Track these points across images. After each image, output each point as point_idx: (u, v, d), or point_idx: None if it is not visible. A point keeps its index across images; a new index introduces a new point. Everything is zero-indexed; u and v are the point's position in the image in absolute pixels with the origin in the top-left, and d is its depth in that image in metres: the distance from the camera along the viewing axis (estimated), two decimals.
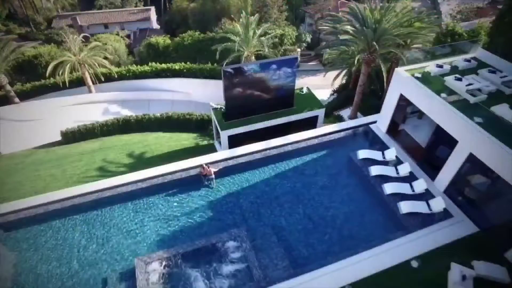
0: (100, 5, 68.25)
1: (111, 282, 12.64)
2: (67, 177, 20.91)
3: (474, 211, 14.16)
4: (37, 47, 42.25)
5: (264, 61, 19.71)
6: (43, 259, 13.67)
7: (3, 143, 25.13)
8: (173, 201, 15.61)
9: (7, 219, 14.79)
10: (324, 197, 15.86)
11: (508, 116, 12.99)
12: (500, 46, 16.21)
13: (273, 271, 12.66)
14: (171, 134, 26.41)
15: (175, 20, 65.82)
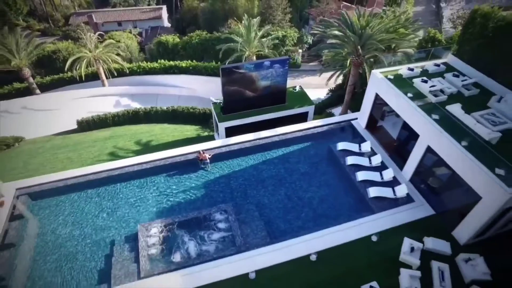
0: (114, 3, 71.62)
1: (118, 243, 15.25)
2: (82, 160, 23.70)
3: (432, 197, 16.32)
4: (56, 43, 45.46)
5: (258, 61, 22.11)
6: (62, 223, 16.39)
7: (27, 130, 28.09)
8: (172, 180, 18.20)
9: (34, 190, 17.58)
10: (304, 182, 18.21)
11: (458, 114, 15.10)
12: (466, 53, 18.22)
13: (252, 240, 15.08)
14: (176, 126, 29.04)
15: (186, 19, 68.69)
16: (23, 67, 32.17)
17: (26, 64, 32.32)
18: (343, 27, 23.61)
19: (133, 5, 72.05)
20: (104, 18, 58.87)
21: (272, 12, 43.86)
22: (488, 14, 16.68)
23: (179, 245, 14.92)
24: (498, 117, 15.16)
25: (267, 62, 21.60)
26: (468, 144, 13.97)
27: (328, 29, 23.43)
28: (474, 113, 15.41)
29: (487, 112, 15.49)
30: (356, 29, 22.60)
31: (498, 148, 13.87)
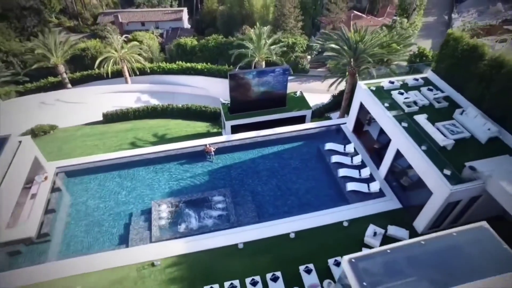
0: (139, 3, 76.47)
1: (135, 215, 18.96)
2: (106, 147, 27.68)
3: (401, 193, 19.28)
4: (85, 41, 50.19)
5: (261, 69, 25.54)
6: (91, 196, 20.28)
7: (60, 119, 32.41)
8: (181, 167, 21.85)
9: (69, 169, 21.58)
10: (293, 175, 21.47)
11: (422, 123, 18.01)
12: (441, 70, 21.01)
13: (244, 218, 18.49)
14: (189, 122, 32.76)
15: (205, 20, 72.78)
16: (59, 64, 36.75)
17: (61, 61, 36.90)
18: (343, 38, 26.66)
19: (156, 5, 76.81)
20: (128, 18, 63.55)
21: (285, 19, 47.07)
22: (458, 38, 19.51)
23: (184, 219, 18.51)
24: (457, 127, 18.00)
25: (270, 70, 24.96)
26: (426, 149, 16.91)
27: (327, 42, 26.52)
28: (438, 123, 18.30)
29: (449, 122, 18.33)
30: (351, 43, 25.62)
31: (451, 153, 16.77)
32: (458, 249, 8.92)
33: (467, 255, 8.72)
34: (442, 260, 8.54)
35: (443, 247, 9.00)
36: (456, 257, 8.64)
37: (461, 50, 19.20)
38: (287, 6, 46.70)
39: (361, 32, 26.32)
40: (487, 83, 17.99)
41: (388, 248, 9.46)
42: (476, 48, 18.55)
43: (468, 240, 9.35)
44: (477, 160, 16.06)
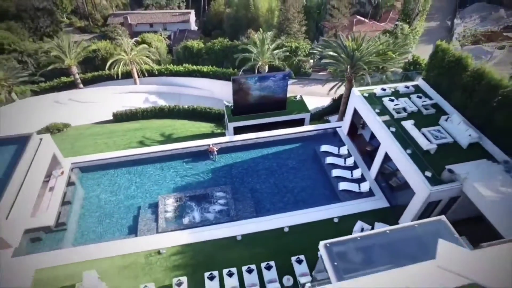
0: (148, 4, 78.66)
1: (143, 208, 20.81)
2: (116, 145, 29.62)
3: (389, 193, 20.88)
4: (96, 43, 52.36)
5: (263, 74, 27.22)
6: (103, 190, 22.19)
7: (72, 118, 34.46)
8: (186, 165, 23.68)
9: (83, 165, 23.51)
10: (290, 174, 23.16)
11: (409, 129, 19.58)
12: (431, 78, 22.55)
13: (243, 213, 20.23)
14: (194, 122, 34.60)
15: (212, 22, 74.64)
16: (72, 65, 38.85)
17: (74, 63, 39.01)
18: (341, 46, 28.27)
19: (164, 6, 78.90)
20: (137, 20, 65.71)
21: (289, 23, 48.73)
22: (446, 50, 21.06)
23: (188, 212, 20.32)
24: (441, 133, 19.55)
25: (271, 76, 26.67)
26: (411, 152, 18.50)
27: (326, 49, 28.15)
28: (424, 128, 19.84)
29: (434, 128, 19.87)
30: (348, 51, 27.22)
31: (434, 156, 18.33)
32: (416, 238, 10.50)
33: (423, 243, 10.29)
34: (401, 246, 10.13)
35: (404, 236, 10.59)
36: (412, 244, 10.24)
37: (448, 61, 20.75)
38: (291, 11, 48.36)
39: (359, 40, 27.88)
40: (470, 93, 19.54)
41: (358, 236, 11.10)
42: (460, 60, 20.08)
43: (427, 231, 10.95)
44: (456, 164, 17.61)
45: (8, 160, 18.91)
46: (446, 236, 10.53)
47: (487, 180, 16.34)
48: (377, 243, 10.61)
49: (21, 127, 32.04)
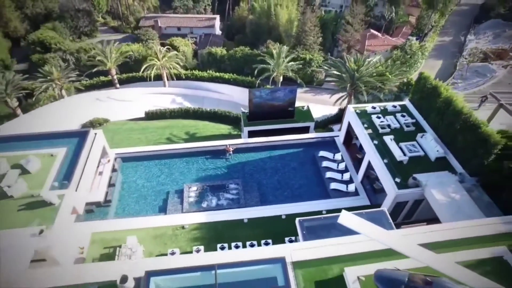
0: (176, 6, 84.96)
1: (171, 193, 26.48)
2: (148, 140, 35.58)
3: (371, 194, 25.73)
4: (130, 45, 58.77)
5: (275, 88, 32.43)
6: (139, 177, 28.04)
7: (110, 114, 40.75)
8: (207, 161, 29.25)
9: (124, 156, 29.44)
10: (291, 174, 28.33)
11: (388, 142, 24.35)
12: (415, 100, 27.16)
13: (250, 202, 25.57)
14: (215, 124, 40.18)
15: (235, 26, 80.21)
16: (112, 68, 45.28)
17: (114, 66, 45.42)
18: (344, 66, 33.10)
19: (191, 9, 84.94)
20: (167, 23, 71.97)
21: (305, 35, 53.54)
22: (427, 78, 25.63)
23: (206, 198, 25.88)
24: (415, 147, 24.24)
25: (282, 89, 31.87)
26: (387, 162, 23.33)
27: (332, 68, 33.07)
28: (402, 143, 24.59)
29: (410, 143, 24.57)
30: (350, 71, 32.05)
31: (406, 166, 23.07)
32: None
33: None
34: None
35: None
36: None
37: (427, 88, 25.36)
38: (308, 24, 53.13)
39: (360, 62, 32.63)
40: (441, 116, 24.14)
41: (322, 216, 16.18)
42: (436, 88, 24.65)
43: (371, 217, 15.82)
44: (422, 173, 22.33)
45: (73, 149, 24.98)
46: (384, 221, 15.37)
47: (442, 188, 21.08)
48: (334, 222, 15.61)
49: (70, 120, 38.64)
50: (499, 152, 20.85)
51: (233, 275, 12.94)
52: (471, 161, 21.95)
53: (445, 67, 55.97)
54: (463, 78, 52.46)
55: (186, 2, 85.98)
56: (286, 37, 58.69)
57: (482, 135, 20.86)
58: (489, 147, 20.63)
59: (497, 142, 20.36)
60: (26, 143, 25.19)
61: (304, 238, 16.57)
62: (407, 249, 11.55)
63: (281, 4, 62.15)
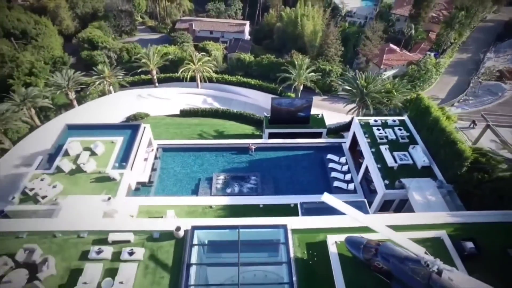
0: (209, 9, 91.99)
1: (202, 180, 33.11)
2: (182, 134, 42.47)
3: (367, 192, 31.37)
4: (167, 47, 66.14)
5: (293, 98, 38.46)
6: (176, 165, 34.87)
7: (150, 109, 48.02)
8: (232, 155, 35.76)
9: (164, 146, 36.39)
10: (302, 171, 34.32)
11: (382, 151, 29.91)
12: (412, 117, 32.51)
13: (265, 191, 31.80)
14: (240, 124, 46.62)
15: (263, 31, 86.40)
16: (153, 69, 52.69)
17: (155, 67, 52.81)
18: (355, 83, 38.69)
19: (222, 12, 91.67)
20: (200, 26, 79.04)
21: (327, 47, 59.04)
22: (422, 99, 30.99)
23: (231, 186, 32.34)
24: (406, 157, 29.68)
25: (299, 100, 37.88)
26: (380, 167, 28.95)
27: (344, 83, 38.75)
28: (395, 152, 30.08)
29: (402, 153, 30.01)
30: (359, 87, 37.63)
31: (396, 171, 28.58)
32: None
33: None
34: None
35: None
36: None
37: (421, 107, 30.73)
38: (331, 37, 58.58)
39: (370, 79, 38.13)
40: (431, 132, 29.49)
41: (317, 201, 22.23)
42: (428, 108, 29.99)
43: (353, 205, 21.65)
44: (408, 178, 27.82)
45: (128, 138, 32.05)
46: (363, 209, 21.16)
47: (422, 191, 26.55)
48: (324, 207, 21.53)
49: (116, 112, 46.23)
50: (470, 165, 26.13)
51: (251, 234, 19.22)
52: (448, 171, 27.29)
53: (459, 83, 59.90)
54: (475, 96, 56.47)
55: (219, 6, 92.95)
56: (310, 47, 64.27)
57: (457, 150, 26.17)
58: (462, 160, 25.95)
59: (468, 157, 25.66)
60: (94, 131, 32.61)
61: (302, 215, 22.78)
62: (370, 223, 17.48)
63: (308, 15, 67.69)
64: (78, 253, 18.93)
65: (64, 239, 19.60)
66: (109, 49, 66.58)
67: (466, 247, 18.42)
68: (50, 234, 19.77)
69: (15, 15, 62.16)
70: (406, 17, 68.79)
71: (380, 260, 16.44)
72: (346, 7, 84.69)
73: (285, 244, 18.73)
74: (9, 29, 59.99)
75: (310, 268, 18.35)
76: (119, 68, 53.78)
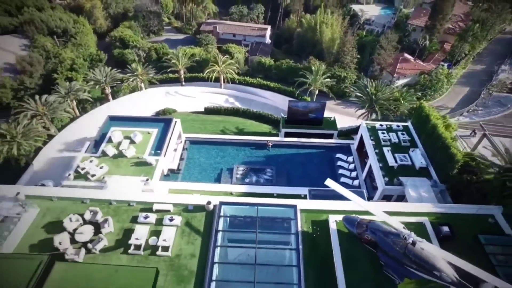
0: (232, 12, 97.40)
1: (224, 170, 38.22)
2: (206, 129, 47.67)
3: (370, 188, 35.78)
4: (193, 48, 71.72)
5: (308, 102, 43.13)
6: (201, 156, 40.12)
7: (177, 106, 53.51)
8: (251, 150, 40.75)
9: (191, 139, 41.72)
10: (313, 167, 39.00)
11: (385, 152, 34.28)
12: (414, 123, 36.71)
13: (280, 183, 36.61)
14: (259, 123, 51.56)
15: (284, 36, 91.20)
16: (181, 69, 58.33)
17: (183, 67, 58.45)
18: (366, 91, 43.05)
19: (245, 16, 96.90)
20: (224, 29, 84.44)
21: (343, 55, 63.36)
22: (423, 107, 35.22)
23: (249, 176, 37.32)
24: (406, 158, 33.97)
25: (313, 103, 42.57)
26: (381, 166, 33.35)
27: (356, 89, 43.20)
28: (396, 153, 34.40)
29: (403, 154, 34.29)
30: (369, 94, 41.99)
31: (396, 171, 32.92)
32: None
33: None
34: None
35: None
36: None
37: (422, 115, 34.96)
38: (347, 45, 62.88)
39: (379, 87, 42.46)
40: (429, 136, 33.72)
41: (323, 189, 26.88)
42: (428, 116, 34.21)
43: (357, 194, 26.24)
44: (405, 177, 32.12)
45: (161, 130, 37.45)
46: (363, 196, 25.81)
47: (417, 188, 30.83)
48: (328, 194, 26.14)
49: (147, 107, 51.97)
50: (461, 168, 30.30)
51: (267, 211, 24.06)
52: (442, 171, 31.48)
53: (470, 94, 63.15)
54: (485, 106, 59.73)
55: (242, 9, 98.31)
56: (327, 53, 68.69)
57: (450, 154, 30.35)
58: (453, 163, 30.14)
59: (459, 160, 29.83)
60: (132, 123, 38.18)
61: (309, 199, 27.57)
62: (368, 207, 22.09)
63: (327, 22, 72.10)
64: (129, 217, 24.26)
65: (118, 206, 24.98)
66: (138, 48, 72.62)
67: (443, 230, 22.81)
68: (107, 202, 25.20)
69: (58, 15, 68.85)
70: (422, 28, 72.33)
71: (369, 234, 21.08)
72: (365, 15, 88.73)
73: (295, 220, 23.53)
74: (53, 28, 66.66)
75: (314, 240, 23.12)
76: (151, 66, 59.51)
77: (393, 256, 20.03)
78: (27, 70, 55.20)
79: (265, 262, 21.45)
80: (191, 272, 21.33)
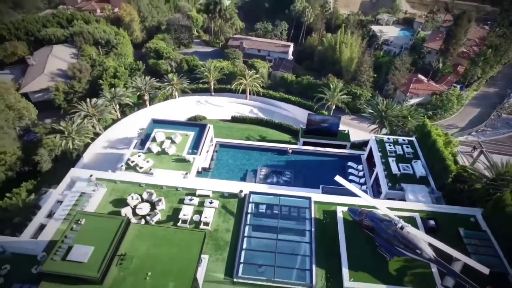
0: (257, 28, 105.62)
1: (248, 171, 44.95)
2: (233, 136, 54.67)
3: (375, 192, 41.72)
4: (221, 61, 79.59)
5: (324, 116, 49.66)
6: (229, 158, 47.03)
7: (207, 113, 60.88)
8: (273, 156, 47.42)
9: (220, 143, 48.78)
10: (326, 173, 45.11)
11: (390, 162, 40.30)
12: (418, 137, 42.63)
13: (297, 185, 42.98)
14: (280, 132, 58.30)
15: (305, 52, 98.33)
16: (212, 80, 66.11)
17: (213, 79, 66.19)
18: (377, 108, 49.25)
19: (269, 32, 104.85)
20: (249, 45, 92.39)
21: (360, 74, 69.80)
22: (426, 124, 41.23)
23: (270, 177, 43.91)
24: (408, 168, 39.88)
25: (329, 117, 49.09)
26: (386, 173, 39.37)
27: (368, 106, 49.50)
28: (400, 163, 40.39)
29: (406, 165, 40.23)
30: (380, 111, 48.20)
31: (398, 177, 38.88)
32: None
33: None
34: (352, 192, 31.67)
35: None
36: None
37: (424, 130, 40.95)
38: (364, 65, 69.36)
39: (389, 105, 48.64)
40: (429, 150, 39.63)
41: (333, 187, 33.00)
42: (429, 132, 40.18)
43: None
44: (406, 183, 38.01)
45: (197, 135, 44.62)
46: None
47: (416, 194, 36.66)
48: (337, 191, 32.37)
49: (180, 113, 59.60)
50: (454, 178, 36.06)
51: (287, 201, 30.58)
52: (438, 180, 37.29)
53: (481, 115, 68.28)
54: (493, 127, 64.76)
55: (266, 26, 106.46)
56: (345, 71, 75.24)
57: (445, 165, 36.19)
58: (448, 173, 35.95)
59: (452, 171, 35.64)
60: (172, 126, 45.59)
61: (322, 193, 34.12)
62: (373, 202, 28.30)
63: (346, 42, 78.91)
64: (177, 199, 31.22)
65: (168, 190, 32.02)
66: (171, 59, 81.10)
67: (429, 223, 28.75)
68: (159, 186, 32.28)
69: (102, 27, 78.26)
70: (437, 51, 78.13)
71: (368, 220, 27.31)
72: (384, 35, 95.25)
73: (309, 209, 29.97)
74: (97, 39, 75.91)
75: (324, 225, 29.44)
76: (184, 77, 67.48)
77: (385, 238, 26.14)
78: (77, 76, 63.92)
79: (285, 239, 27.92)
80: (226, 242, 27.97)
